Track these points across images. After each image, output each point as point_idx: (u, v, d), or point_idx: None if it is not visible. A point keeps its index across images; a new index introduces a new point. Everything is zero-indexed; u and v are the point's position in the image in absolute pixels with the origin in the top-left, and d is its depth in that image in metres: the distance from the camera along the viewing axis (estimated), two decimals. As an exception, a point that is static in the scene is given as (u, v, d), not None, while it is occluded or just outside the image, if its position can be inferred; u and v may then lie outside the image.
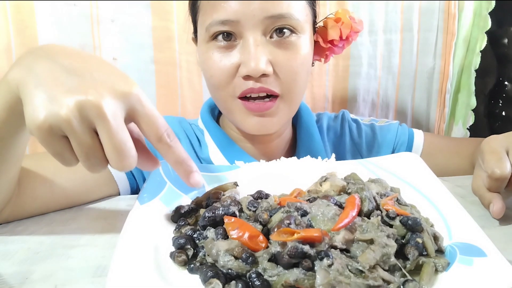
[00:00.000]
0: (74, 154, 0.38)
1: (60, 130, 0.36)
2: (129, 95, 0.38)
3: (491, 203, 0.48)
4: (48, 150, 0.38)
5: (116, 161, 0.38)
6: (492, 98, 1.15)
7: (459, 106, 1.16)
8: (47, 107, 0.36)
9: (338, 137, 0.81)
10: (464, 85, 1.14)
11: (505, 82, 1.11)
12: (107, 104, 0.36)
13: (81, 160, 0.39)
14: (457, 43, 1.10)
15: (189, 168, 0.43)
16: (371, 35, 1.11)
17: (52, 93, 0.36)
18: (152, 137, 0.40)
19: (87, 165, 0.39)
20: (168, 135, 0.40)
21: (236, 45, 0.61)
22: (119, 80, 0.39)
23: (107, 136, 0.37)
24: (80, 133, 0.37)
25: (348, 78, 1.15)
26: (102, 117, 0.36)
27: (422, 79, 1.15)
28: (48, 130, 0.36)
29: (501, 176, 0.47)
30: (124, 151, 0.37)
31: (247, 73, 0.59)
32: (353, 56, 1.13)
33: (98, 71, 0.39)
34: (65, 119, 0.35)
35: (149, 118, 0.40)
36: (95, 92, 0.36)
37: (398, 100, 1.17)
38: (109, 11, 0.96)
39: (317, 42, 0.70)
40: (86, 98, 0.36)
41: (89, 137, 0.37)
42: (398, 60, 1.13)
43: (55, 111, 0.36)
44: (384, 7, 1.09)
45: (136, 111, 0.39)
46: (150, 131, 0.40)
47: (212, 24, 0.60)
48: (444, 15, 1.09)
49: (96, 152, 0.38)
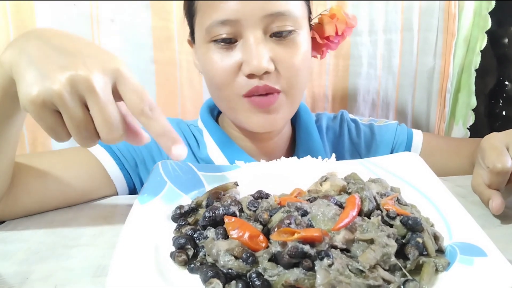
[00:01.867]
0: (66, 128, 0.41)
1: (52, 104, 0.39)
2: (116, 70, 0.41)
3: (490, 199, 0.48)
4: (41, 124, 0.40)
5: (106, 133, 0.40)
6: (492, 98, 1.15)
7: (459, 106, 1.16)
8: (39, 82, 0.38)
9: (337, 137, 0.82)
10: (464, 85, 1.14)
11: (505, 81, 1.11)
12: (96, 79, 0.39)
13: (72, 133, 0.41)
14: (457, 43, 1.10)
15: (172, 140, 0.43)
16: (371, 35, 1.11)
17: (44, 70, 0.39)
18: (134, 110, 0.41)
19: (79, 138, 0.41)
20: (150, 107, 0.42)
21: (236, 45, 0.61)
22: (107, 58, 0.41)
23: (96, 109, 0.39)
24: (71, 107, 0.39)
25: (348, 78, 1.14)
26: (92, 90, 0.38)
27: (422, 79, 1.15)
28: (41, 105, 0.38)
29: (502, 170, 0.47)
30: (113, 123, 0.40)
31: (250, 72, 0.59)
32: (353, 56, 1.13)
33: (87, 50, 0.42)
34: (57, 93, 0.38)
35: (132, 91, 0.41)
36: (85, 68, 0.39)
37: (398, 100, 1.17)
38: (109, 11, 0.96)
39: (313, 38, 0.70)
40: (76, 73, 0.38)
41: (80, 111, 0.39)
42: (398, 60, 1.13)
43: (47, 86, 0.38)
44: (384, 7, 1.09)
45: (121, 85, 0.41)
46: (132, 104, 0.41)
47: (212, 25, 0.60)
48: (444, 14, 1.09)
49: (87, 125, 0.40)
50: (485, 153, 0.50)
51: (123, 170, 0.66)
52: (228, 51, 0.62)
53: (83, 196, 0.60)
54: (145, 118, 0.41)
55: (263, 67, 0.59)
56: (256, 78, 0.61)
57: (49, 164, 0.59)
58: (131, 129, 0.44)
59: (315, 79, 1.13)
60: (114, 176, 0.65)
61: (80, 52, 0.41)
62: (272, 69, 0.61)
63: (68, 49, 0.41)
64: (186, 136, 0.75)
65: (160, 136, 0.43)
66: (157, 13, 0.99)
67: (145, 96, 0.42)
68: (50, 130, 0.41)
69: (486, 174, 0.50)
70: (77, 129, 0.40)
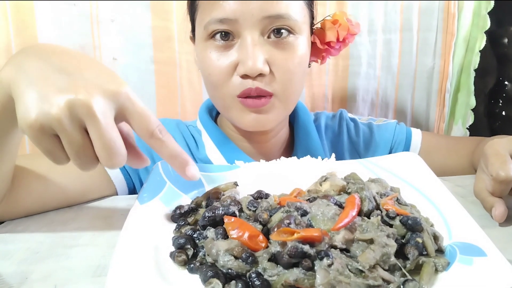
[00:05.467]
0: (65, 152, 0.39)
1: (51, 129, 0.37)
2: (118, 93, 0.39)
3: (493, 207, 0.48)
4: (40, 148, 0.39)
5: (106, 159, 0.38)
6: (492, 97, 1.15)
7: (459, 106, 1.16)
8: (38, 106, 0.37)
9: (336, 136, 0.82)
10: (463, 85, 1.14)
11: (505, 81, 1.11)
12: (96, 103, 0.37)
13: (71, 158, 0.39)
14: (457, 43, 1.10)
15: (184, 162, 0.43)
16: (370, 35, 1.11)
17: (43, 92, 0.37)
18: (144, 134, 0.41)
19: (78, 163, 0.40)
20: (159, 130, 0.41)
21: (234, 44, 0.61)
22: (109, 80, 0.40)
23: (97, 135, 0.38)
24: (70, 132, 0.37)
25: (348, 78, 1.15)
26: (92, 115, 0.37)
27: (422, 79, 1.15)
28: (40, 129, 0.37)
29: (506, 179, 0.47)
30: (114, 149, 0.38)
31: (245, 72, 0.59)
32: (352, 56, 1.13)
33: (88, 70, 0.40)
34: (56, 118, 0.36)
35: (140, 115, 0.40)
36: (85, 91, 0.37)
37: (398, 100, 1.17)
38: (109, 11, 0.96)
39: (314, 43, 0.70)
40: (76, 97, 0.37)
41: (80, 136, 0.38)
42: (397, 60, 1.13)
43: (46, 110, 0.36)
44: (383, 7, 1.09)
45: (127, 109, 0.40)
46: (141, 127, 0.40)
47: (211, 22, 0.60)
48: (444, 14, 1.09)
49: (86, 151, 0.39)
50: (488, 160, 0.50)
51: (122, 170, 0.66)
52: (225, 50, 0.62)
53: (83, 196, 0.60)
54: (156, 141, 0.41)
55: (258, 68, 0.59)
56: (250, 79, 0.61)
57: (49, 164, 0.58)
58: (132, 152, 0.43)
59: (315, 79, 1.13)
60: (114, 176, 0.65)
61: (81, 72, 0.39)
62: (267, 71, 0.61)
63: (68, 68, 0.39)
64: (185, 136, 0.75)
65: (173, 158, 0.42)
66: (157, 13, 0.99)
67: (153, 118, 0.41)
68: (48, 154, 0.40)
69: (489, 181, 0.49)
70: (76, 154, 0.39)
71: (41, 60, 0.40)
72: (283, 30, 0.61)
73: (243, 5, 0.59)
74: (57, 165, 0.60)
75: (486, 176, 0.51)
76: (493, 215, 0.48)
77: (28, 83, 0.38)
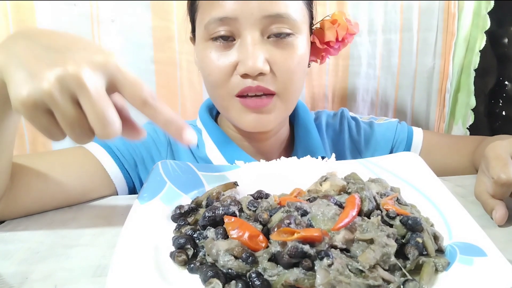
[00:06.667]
0: (60, 127, 0.39)
1: (44, 104, 0.37)
2: (107, 64, 0.39)
3: (494, 209, 0.48)
4: (35, 125, 0.39)
5: (100, 128, 0.38)
6: (492, 97, 1.15)
7: (459, 106, 1.16)
8: (29, 83, 0.37)
9: (337, 134, 0.82)
10: (463, 85, 1.14)
11: (505, 81, 1.11)
12: (86, 74, 0.37)
13: (66, 131, 0.40)
14: (457, 42, 1.10)
15: (180, 126, 0.42)
16: (370, 35, 1.11)
17: (32, 70, 0.38)
18: (137, 102, 0.40)
19: (73, 136, 0.40)
20: (152, 97, 0.40)
21: (234, 44, 0.62)
22: (97, 52, 0.40)
23: (89, 105, 0.38)
24: (63, 105, 0.37)
25: (348, 78, 1.15)
26: (82, 86, 0.37)
27: (422, 79, 1.15)
28: (33, 106, 0.37)
29: (507, 182, 0.46)
30: (107, 118, 0.38)
31: (245, 71, 0.60)
32: (352, 55, 1.13)
33: (76, 46, 0.40)
34: (47, 92, 0.37)
35: (131, 83, 0.40)
36: (74, 64, 0.37)
37: (398, 100, 1.17)
38: (109, 11, 0.96)
39: (313, 43, 0.71)
40: (65, 70, 0.37)
41: (72, 108, 0.38)
42: (397, 60, 1.13)
43: (37, 86, 0.37)
44: (383, 6, 1.09)
45: (117, 79, 0.40)
46: (133, 96, 0.40)
47: (211, 22, 0.61)
48: (444, 14, 1.09)
49: (80, 123, 0.39)
50: (489, 162, 0.50)
51: (122, 169, 0.66)
52: (225, 50, 0.62)
53: (83, 196, 0.60)
54: (149, 108, 0.40)
55: (258, 67, 0.59)
56: (250, 78, 0.61)
57: (49, 164, 0.59)
58: (127, 124, 0.43)
59: (315, 79, 1.13)
60: (114, 176, 0.65)
61: (69, 48, 0.39)
62: (267, 70, 0.61)
63: (56, 46, 0.39)
64: None
65: (168, 124, 0.42)
66: (157, 13, 0.99)
67: (145, 87, 0.40)
68: (44, 130, 0.40)
69: (490, 184, 0.49)
70: (71, 127, 0.39)
71: (30, 41, 0.41)
72: (283, 29, 0.61)
73: (243, 5, 0.59)
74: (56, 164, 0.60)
75: (487, 179, 0.50)
76: (494, 218, 0.48)
77: (17, 63, 0.39)
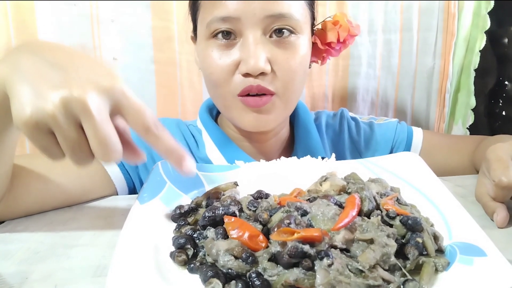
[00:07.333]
0: (61, 148, 0.39)
1: (46, 125, 0.37)
2: (113, 89, 0.39)
3: (495, 212, 0.48)
4: (35, 145, 0.39)
5: (102, 154, 0.38)
6: (492, 97, 1.15)
7: (459, 106, 1.16)
8: (33, 103, 0.36)
9: (337, 135, 0.82)
10: (463, 85, 1.14)
11: (505, 81, 1.11)
12: (91, 99, 0.37)
13: (67, 154, 0.39)
14: (457, 42, 1.10)
15: (180, 157, 0.42)
16: (370, 35, 1.11)
17: (37, 89, 0.37)
18: (140, 129, 0.40)
19: (73, 159, 0.39)
20: (155, 125, 0.40)
21: (235, 43, 0.62)
22: (103, 75, 0.39)
23: (92, 130, 0.37)
24: (65, 128, 0.37)
25: (348, 78, 1.15)
26: (86, 111, 0.36)
27: (422, 79, 1.15)
28: (35, 126, 0.37)
29: (508, 185, 0.46)
30: (109, 144, 0.38)
31: (247, 71, 0.60)
32: (352, 55, 1.13)
33: (83, 65, 0.40)
34: (50, 114, 0.36)
35: (135, 110, 0.40)
36: (80, 87, 0.37)
37: (398, 100, 1.17)
38: (109, 11, 0.96)
39: (314, 43, 0.71)
40: (70, 94, 0.36)
41: (75, 132, 0.38)
42: (397, 60, 1.13)
43: (40, 107, 0.36)
44: (383, 6, 1.09)
45: (122, 104, 0.39)
46: (136, 123, 0.40)
47: (213, 21, 0.61)
48: (444, 14, 1.09)
49: (81, 146, 0.38)
50: (490, 165, 0.49)
51: (122, 170, 0.66)
52: (227, 49, 0.62)
53: (83, 196, 0.60)
54: (151, 136, 0.40)
55: (260, 67, 0.59)
56: (251, 77, 0.61)
57: (49, 164, 0.59)
58: (128, 147, 0.42)
59: (315, 79, 1.13)
60: (114, 176, 0.65)
61: (75, 68, 0.39)
62: (269, 70, 0.61)
63: (62, 64, 0.39)
64: (185, 136, 0.75)
65: (169, 153, 0.42)
66: (157, 13, 0.99)
67: (149, 113, 0.40)
68: (44, 150, 0.39)
69: (491, 186, 0.49)
70: (72, 150, 0.39)
71: (35, 56, 0.40)
72: (284, 29, 0.61)
73: (245, 4, 0.59)
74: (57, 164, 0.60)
75: (488, 181, 0.50)
76: (495, 220, 0.48)
77: (22, 79, 0.38)
